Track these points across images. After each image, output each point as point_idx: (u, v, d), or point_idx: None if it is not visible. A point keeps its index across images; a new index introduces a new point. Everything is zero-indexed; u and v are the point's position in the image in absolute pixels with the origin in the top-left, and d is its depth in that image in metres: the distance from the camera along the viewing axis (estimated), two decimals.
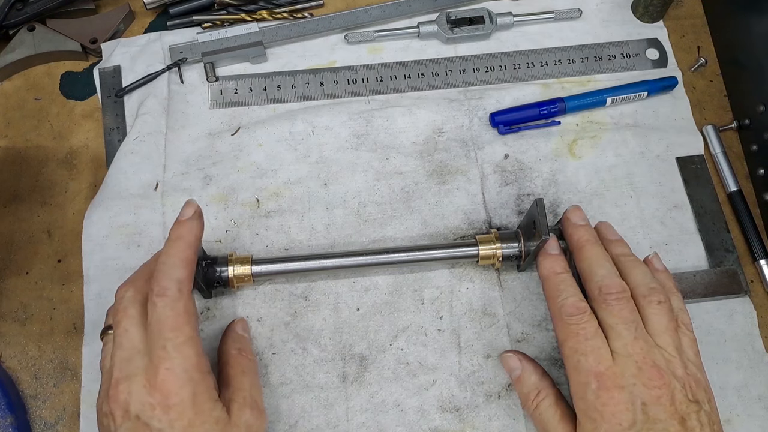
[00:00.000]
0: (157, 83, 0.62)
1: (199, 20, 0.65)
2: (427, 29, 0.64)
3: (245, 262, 0.51)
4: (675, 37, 0.65)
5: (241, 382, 0.45)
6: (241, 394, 0.44)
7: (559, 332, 0.45)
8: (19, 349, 0.54)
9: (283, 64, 0.64)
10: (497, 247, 0.52)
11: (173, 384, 0.40)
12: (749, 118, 0.60)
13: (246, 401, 0.44)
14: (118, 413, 0.40)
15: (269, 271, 0.52)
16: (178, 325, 0.41)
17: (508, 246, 0.52)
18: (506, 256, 0.52)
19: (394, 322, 0.53)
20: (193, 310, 0.42)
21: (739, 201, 0.58)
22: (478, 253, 0.52)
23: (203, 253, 0.51)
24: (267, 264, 0.52)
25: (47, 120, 0.62)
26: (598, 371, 0.42)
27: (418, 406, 0.51)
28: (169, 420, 0.39)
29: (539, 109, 0.60)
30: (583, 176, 0.59)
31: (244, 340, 0.50)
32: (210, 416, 0.41)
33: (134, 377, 0.40)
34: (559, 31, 0.65)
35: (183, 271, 0.43)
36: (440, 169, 0.59)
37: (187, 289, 0.43)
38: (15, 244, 0.57)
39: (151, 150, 0.59)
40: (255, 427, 0.43)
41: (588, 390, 0.42)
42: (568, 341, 0.44)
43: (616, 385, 0.41)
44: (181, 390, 0.40)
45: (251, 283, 0.52)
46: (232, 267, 0.51)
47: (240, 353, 0.48)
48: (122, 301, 0.43)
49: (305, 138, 0.60)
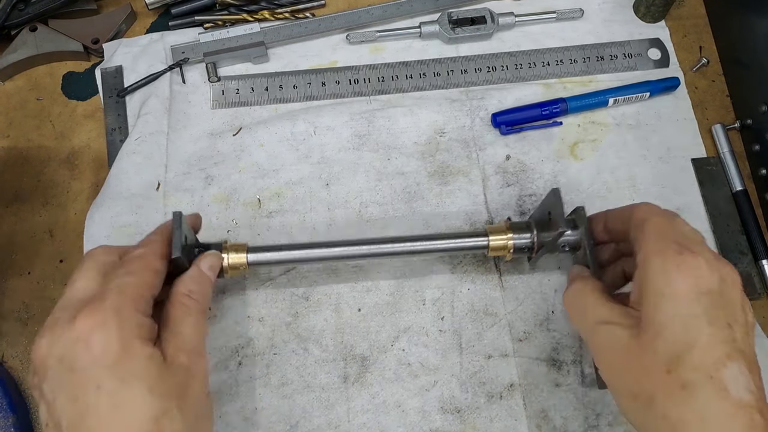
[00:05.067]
0: (158, 83, 0.62)
1: (201, 20, 0.65)
2: (428, 29, 0.64)
3: (240, 249, 0.49)
4: (677, 37, 0.65)
5: (181, 325, 0.41)
6: (179, 337, 0.40)
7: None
8: (21, 349, 0.54)
9: (284, 64, 0.64)
10: (509, 237, 0.49)
11: (97, 318, 0.37)
12: (751, 118, 0.60)
13: (183, 344, 0.40)
14: (40, 365, 0.37)
15: (267, 260, 0.49)
16: (133, 268, 0.40)
17: (520, 237, 0.49)
18: (518, 248, 0.49)
19: (396, 323, 0.53)
20: (157, 264, 0.42)
21: (743, 201, 0.58)
22: (488, 244, 0.50)
23: (196, 241, 0.49)
24: (264, 252, 0.49)
25: (49, 120, 0.62)
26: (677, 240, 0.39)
27: (420, 407, 0.51)
28: (92, 357, 0.36)
29: (541, 110, 0.60)
30: (585, 177, 0.59)
31: (203, 281, 0.45)
32: (140, 353, 0.37)
33: (61, 321, 0.37)
34: (560, 31, 0.65)
35: (154, 235, 0.43)
36: (442, 170, 0.59)
37: (157, 247, 0.42)
38: (17, 244, 0.57)
39: (152, 150, 0.59)
40: (193, 370, 0.40)
41: (668, 250, 0.39)
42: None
43: (698, 251, 0.38)
44: (105, 324, 0.36)
45: (247, 272, 0.49)
46: (226, 255, 0.48)
47: (187, 295, 0.43)
48: (85, 260, 0.42)
49: (307, 138, 0.60)
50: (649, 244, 0.40)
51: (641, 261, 0.40)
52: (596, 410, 0.51)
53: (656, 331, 0.37)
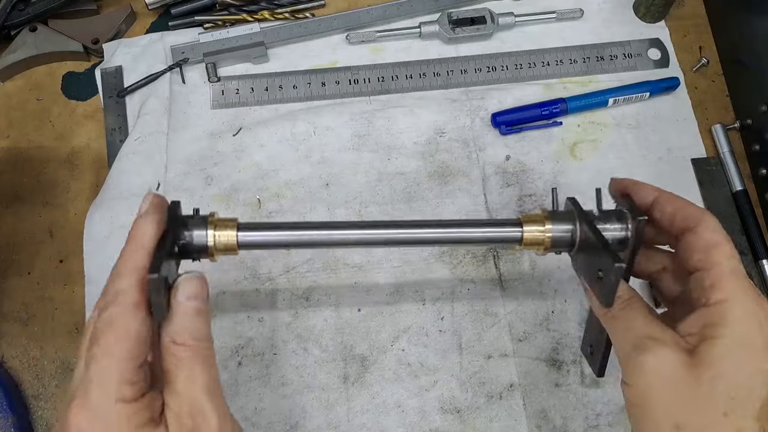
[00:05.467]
0: (158, 83, 0.62)
1: (201, 21, 0.65)
2: (428, 29, 0.64)
3: (230, 226, 0.41)
4: (677, 37, 0.65)
5: (176, 382, 0.35)
6: (178, 399, 0.35)
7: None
8: (20, 350, 0.54)
9: (284, 65, 0.64)
10: (547, 229, 0.42)
11: (86, 416, 0.33)
12: (751, 118, 0.60)
13: (183, 405, 0.34)
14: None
15: (262, 241, 0.42)
16: (107, 344, 0.34)
17: (559, 230, 0.42)
18: (557, 242, 0.42)
19: (396, 323, 0.53)
20: (133, 326, 0.34)
21: (743, 201, 0.58)
22: (522, 236, 0.42)
23: (178, 221, 0.40)
24: (259, 231, 0.42)
25: (49, 120, 0.62)
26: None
27: (419, 407, 0.51)
28: None
29: (541, 110, 0.60)
30: (585, 178, 0.59)
31: (187, 317, 0.36)
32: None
33: (64, 405, 0.34)
34: (560, 31, 0.65)
35: (125, 280, 0.35)
36: (442, 170, 0.59)
37: (129, 301, 0.35)
38: (17, 244, 0.57)
39: (152, 150, 0.59)
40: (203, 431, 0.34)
41: (748, 299, 0.36)
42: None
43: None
44: (94, 422, 0.33)
45: (236, 253, 0.42)
46: (213, 231, 0.40)
47: (173, 343, 0.36)
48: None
49: (307, 138, 0.60)
50: (728, 283, 0.37)
51: (716, 299, 0.37)
52: (596, 410, 0.51)
53: (719, 372, 0.35)
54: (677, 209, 0.40)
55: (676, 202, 0.41)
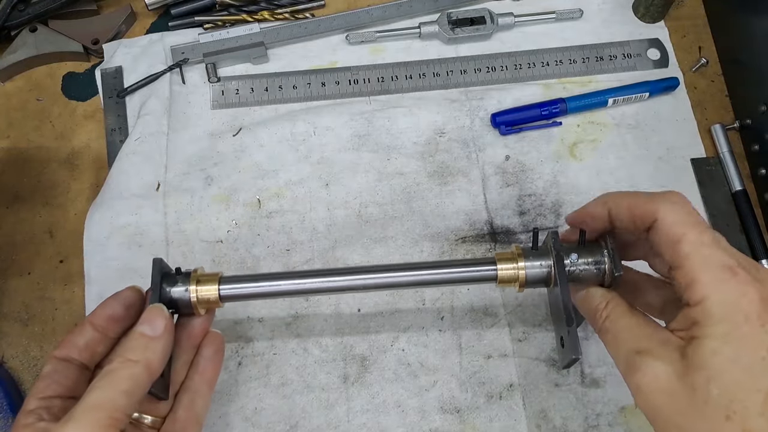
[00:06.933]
0: (158, 84, 0.62)
1: (201, 21, 0.65)
2: (428, 30, 0.64)
3: (212, 280, 0.42)
4: (676, 37, 0.65)
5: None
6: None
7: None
8: (21, 350, 0.54)
9: (284, 65, 0.64)
10: (520, 267, 0.42)
11: None
12: (750, 118, 0.60)
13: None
14: None
15: (244, 293, 0.44)
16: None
17: (533, 266, 0.42)
18: (531, 279, 0.42)
19: (395, 323, 0.53)
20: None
21: (743, 201, 0.58)
22: (497, 274, 0.43)
23: (161, 276, 0.42)
24: (239, 283, 0.43)
25: (49, 120, 0.62)
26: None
27: (419, 407, 0.51)
28: None
29: (540, 110, 0.60)
30: (585, 178, 0.59)
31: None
32: None
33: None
34: (560, 32, 0.65)
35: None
36: (441, 170, 0.59)
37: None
38: (17, 244, 0.57)
39: (152, 150, 0.59)
40: None
41: (724, 282, 0.34)
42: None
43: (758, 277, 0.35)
44: None
45: (219, 306, 0.44)
46: (194, 287, 0.42)
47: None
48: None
49: (307, 138, 0.60)
50: (702, 277, 0.35)
51: (695, 300, 0.35)
52: (596, 410, 0.51)
53: (712, 374, 0.34)
54: (631, 208, 0.39)
55: (626, 201, 0.39)
